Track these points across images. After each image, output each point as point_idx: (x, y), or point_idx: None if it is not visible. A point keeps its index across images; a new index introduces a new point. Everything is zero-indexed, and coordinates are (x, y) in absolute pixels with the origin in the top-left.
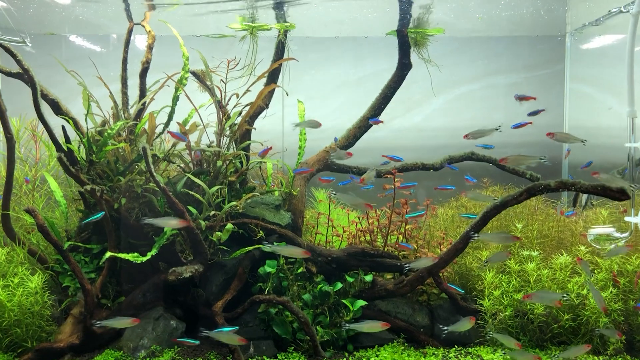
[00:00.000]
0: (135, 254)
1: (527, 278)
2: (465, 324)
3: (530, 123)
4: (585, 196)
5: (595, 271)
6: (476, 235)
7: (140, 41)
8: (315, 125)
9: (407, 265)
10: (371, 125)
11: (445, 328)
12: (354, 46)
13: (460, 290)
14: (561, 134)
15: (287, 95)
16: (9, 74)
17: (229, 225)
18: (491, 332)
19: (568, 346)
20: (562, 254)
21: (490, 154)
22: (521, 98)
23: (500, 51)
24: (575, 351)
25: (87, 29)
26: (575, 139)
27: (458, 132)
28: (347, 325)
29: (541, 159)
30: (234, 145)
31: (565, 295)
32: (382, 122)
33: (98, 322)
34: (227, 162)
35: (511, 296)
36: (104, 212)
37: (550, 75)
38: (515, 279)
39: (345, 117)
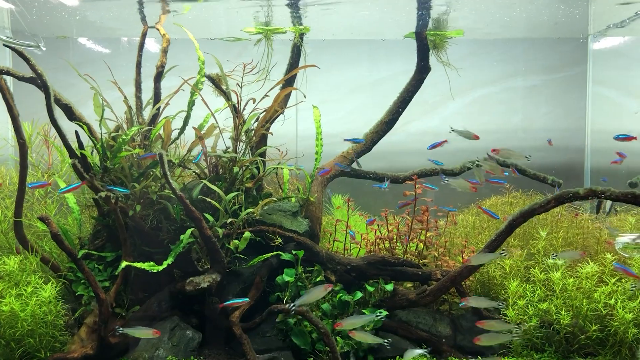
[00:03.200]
0: (151, 263)
1: (552, 287)
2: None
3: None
4: (609, 203)
5: (622, 280)
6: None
7: (150, 44)
8: (469, 135)
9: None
10: (389, 130)
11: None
12: (369, 48)
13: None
14: (505, 150)
15: (305, 97)
16: (21, 79)
17: (247, 234)
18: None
19: (595, 358)
20: (587, 262)
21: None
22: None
23: (519, 53)
24: None
25: (96, 32)
26: (519, 155)
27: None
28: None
29: (526, 157)
30: (250, 151)
31: (500, 303)
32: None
33: (121, 329)
34: (244, 168)
35: (536, 306)
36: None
37: (571, 77)
38: (540, 288)
39: (360, 120)
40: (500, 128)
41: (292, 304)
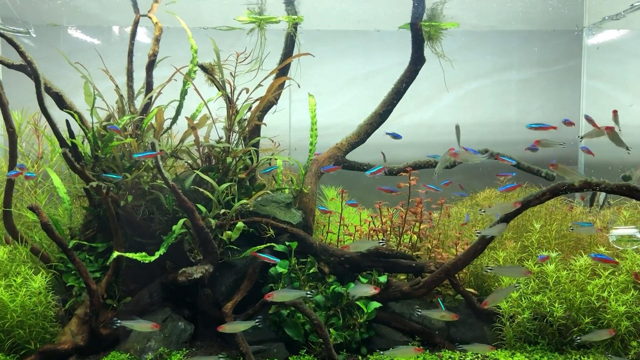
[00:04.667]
0: (143, 253)
1: (545, 280)
2: (441, 314)
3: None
4: (602, 195)
5: (616, 273)
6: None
7: (142, 36)
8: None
9: (478, 232)
10: (383, 122)
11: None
12: (364, 40)
13: None
14: (545, 140)
15: (299, 87)
16: (11, 66)
17: (240, 224)
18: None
19: (588, 350)
20: (581, 255)
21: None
22: (537, 128)
23: (513, 46)
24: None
25: (87, 20)
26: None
27: (470, 129)
28: (382, 353)
29: (561, 144)
30: (243, 142)
31: (381, 241)
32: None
33: (119, 322)
34: (237, 158)
35: (530, 298)
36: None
37: (565, 71)
38: (534, 281)
39: (355, 112)
40: (494, 121)
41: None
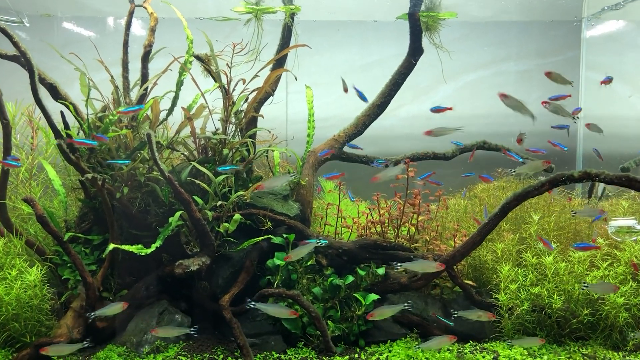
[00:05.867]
0: (139, 245)
1: (544, 271)
2: (478, 314)
3: None
4: (601, 187)
5: (614, 264)
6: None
7: (137, 28)
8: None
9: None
10: (380, 113)
11: (455, 313)
12: (361, 30)
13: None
14: (554, 105)
15: (296, 79)
16: (4, 57)
17: (237, 216)
18: None
19: (586, 342)
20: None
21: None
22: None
23: (511, 37)
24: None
25: (82, 10)
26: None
27: (468, 120)
28: (419, 346)
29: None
30: (239, 133)
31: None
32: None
33: (92, 314)
34: (234, 150)
35: (528, 290)
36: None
37: (564, 62)
38: (532, 273)
39: (351, 104)
40: (492, 112)
41: None
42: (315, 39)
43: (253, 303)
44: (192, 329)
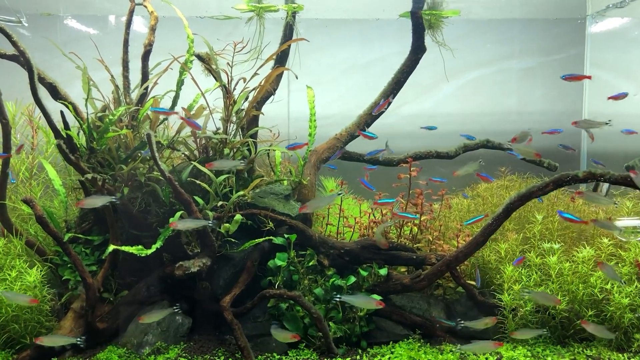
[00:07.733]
0: (140, 246)
1: (548, 272)
2: (485, 322)
3: None
4: (605, 186)
5: (619, 264)
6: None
7: (138, 26)
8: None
9: None
10: (383, 112)
11: (462, 322)
12: (363, 28)
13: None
14: (583, 121)
15: (297, 78)
16: (3, 56)
17: (238, 216)
18: None
19: (590, 343)
20: (584, 247)
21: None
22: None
23: (514, 35)
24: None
25: (83, 9)
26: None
27: (470, 118)
28: (459, 347)
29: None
30: (240, 132)
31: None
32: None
33: (339, 296)
34: (235, 149)
35: (532, 290)
36: None
37: (568, 59)
38: (536, 273)
39: (353, 102)
40: (495, 110)
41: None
42: (317, 37)
43: (339, 296)
44: (174, 307)
